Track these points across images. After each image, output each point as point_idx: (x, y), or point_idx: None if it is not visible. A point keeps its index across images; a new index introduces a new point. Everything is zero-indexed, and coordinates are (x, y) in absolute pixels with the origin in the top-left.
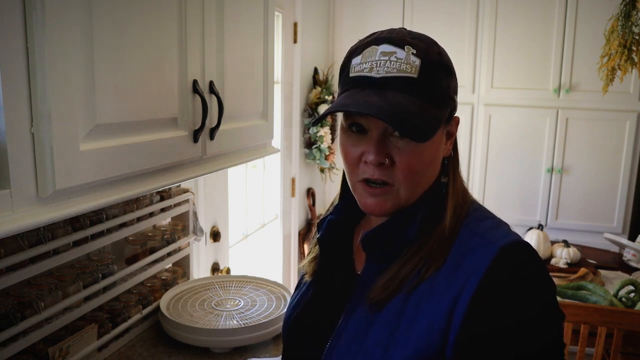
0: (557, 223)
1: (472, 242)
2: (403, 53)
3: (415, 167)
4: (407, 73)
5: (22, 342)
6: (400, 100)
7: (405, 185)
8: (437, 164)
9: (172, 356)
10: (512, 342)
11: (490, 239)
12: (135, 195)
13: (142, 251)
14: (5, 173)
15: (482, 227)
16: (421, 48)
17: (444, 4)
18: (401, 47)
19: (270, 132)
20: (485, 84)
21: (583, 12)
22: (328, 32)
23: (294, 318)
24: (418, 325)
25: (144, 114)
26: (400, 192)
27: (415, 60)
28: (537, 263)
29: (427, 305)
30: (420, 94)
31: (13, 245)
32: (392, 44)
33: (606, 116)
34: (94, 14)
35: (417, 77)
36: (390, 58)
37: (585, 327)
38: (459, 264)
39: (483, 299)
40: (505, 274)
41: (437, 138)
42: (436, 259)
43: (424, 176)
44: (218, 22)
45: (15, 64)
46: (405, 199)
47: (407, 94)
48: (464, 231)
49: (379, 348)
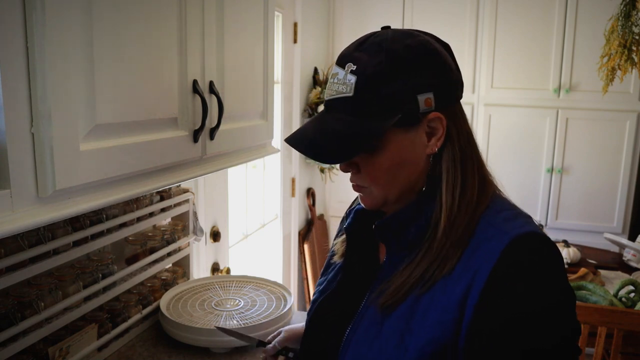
0: (557, 223)
1: (487, 233)
2: (343, 73)
3: (375, 172)
4: (344, 93)
5: (22, 342)
6: (330, 124)
7: (375, 186)
8: (413, 164)
9: (172, 356)
10: (521, 335)
11: (504, 229)
12: (135, 195)
13: (142, 251)
14: (5, 173)
15: (499, 218)
16: (363, 62)
17: (444, 4)
18: (342, 66)
19: (270, 132)
20: (485, 84)
21: (583, 12)
22: (328, 32)
23: (319, 303)
24: (432, 315)
25: (144, 114)
26: (373, 192)
27: (351, 79)
28: (551, 253)
29: (442, 296)
30: (357, 111)
31: (13, 245)
32: (337, 64)
33: (606, 116)
34: (94, 14)
35: (353, 95)
36: (334, 80)
37: (585, 327)
38: (472, 254)
39: (493, 290)
40: (516, 264)
41: (393, 143)
42: (447, 260)
43: (393, 177)
44: (218, 22)
45: (15, 64)
46: (381, 197)
47: (344, 114)
48: (482, 223)
49: (394, 336)
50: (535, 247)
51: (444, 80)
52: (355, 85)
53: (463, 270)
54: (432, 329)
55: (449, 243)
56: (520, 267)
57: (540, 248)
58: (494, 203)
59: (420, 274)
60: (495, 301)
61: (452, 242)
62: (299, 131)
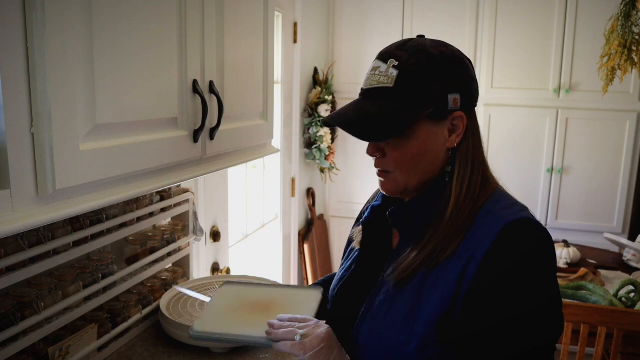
0: (557, 223)
1: (485, 220)
2: (385, 66)
3: (400, 158)
4: (384, 84)
5: (22, 342)
6: (369, 108)
7: (399, 171)
8: (434, 154)
9: (172, 356)
10: (510, 296)
11: (500, 216)
12: (135, 195)
13: (142, 251)
14: (5, 173)
15: (497, 207)
16: (404, 59)
17: (444, 4)
18: (385, 61)
19: (270, 132)
20: (485, 84)
21: (583, 12)
22: (328, 32)
23: (339, 289)
24: (437, 290)
25: (144, 114)
26: (397, 177)
27: (393, 72)
28: (542, 237)
29: (445, 274)
30: (395, 100)
31: (13, 245)
32: (379, 59)
33: (606, 116)
34: (94, 14)
35: (393, 86)
36: (375, 72)
37: (585, 327)
38: (472, 238)
39: (489, 265)
40: (510, 244)
41: (423, 133)
42: (450, 243)
43: (417, 164)
44: (218, 22)
45: (15, 64)
46: (404, 182)
47: (383, 101)
48: (481, 212)
49: (405, 309)
50: (528, 231)
51: (468, 86)
52: (397, 78)
53: (463, 251)
54: (436, 302)
55: (453, 228)
56: (514, 247)
57: (532, 232)
58: (493, 195)
59: (427, 254)
60: (490, 273)
61: (455, 228)
62: (338, 113)
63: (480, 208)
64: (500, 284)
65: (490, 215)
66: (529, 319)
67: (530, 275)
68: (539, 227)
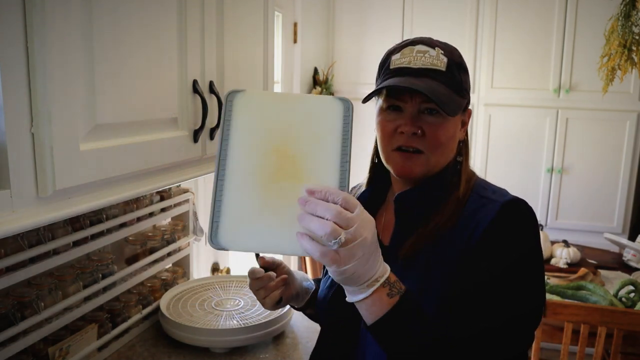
0: (557, 223)
1: (480, 202)
2: (434, 52)
3: (441, 138)
4: (438, 67)
5: (22, 342)
6: (434, 85)
7: (434, 153)
8: (456, 141)
9: (172, 356)
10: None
11: (494, 198)
12: (135, 195)
13: (142, 251)
14: (5, 173)
15: (487, 192)
16: (448, 50)
17: (444, 4)
18: (432, 47)
19: None
20: (485, 84)
21: (583, 12)
22: (328, 32)
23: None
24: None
25: (144, 114)
26: (430, 159)
27: (444, 58)
28: (532, 214)
29: (450, 249)
30: (447, 84)
31: (13, 245)
32: (425, 45)
33: (606, 116)
34: (94, 14)
35: (445, 70)
36: (425, 55)
37: (585, 327)
38: (471, 217)
39: (490, 236)
40: (506, 221)
41: (456, 120)
42: (452, 219)
43: (447, 148)
44: (218, 22)
45: (15, 64)
46: (432, 166)
47: (438, 82)
48: (473, 196)
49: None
50: (520, 209)
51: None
52: (448, 64)
53: (464, 228)
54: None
55: (454, 207)
56: (509, 222)
57: (524, 209)
58: (478, 181)
59: (431, 231)
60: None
61: (455, 207)
62: (403, 82)
63: (471, 191)
64: (498, 250)
65: (483, 199)
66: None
67: (526, 245)
68: (527, 206)
